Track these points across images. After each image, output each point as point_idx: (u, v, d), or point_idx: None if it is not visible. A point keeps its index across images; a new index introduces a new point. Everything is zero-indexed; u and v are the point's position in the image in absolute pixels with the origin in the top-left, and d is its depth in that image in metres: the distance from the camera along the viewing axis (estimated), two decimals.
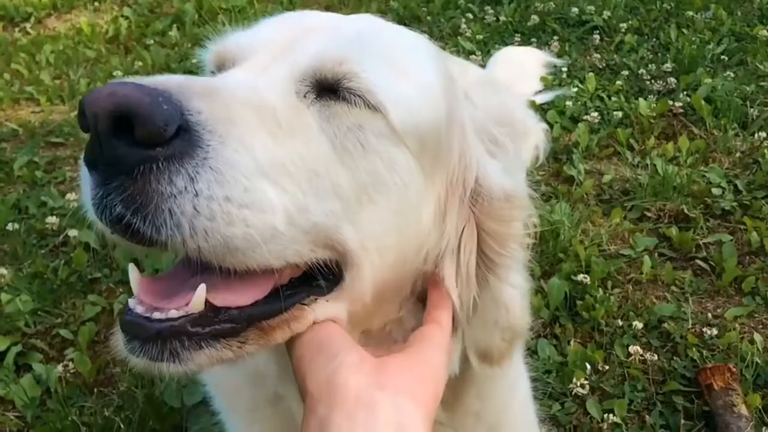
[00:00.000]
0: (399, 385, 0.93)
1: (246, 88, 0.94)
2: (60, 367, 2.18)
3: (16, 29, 5.00)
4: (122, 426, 1.97)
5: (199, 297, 0.87)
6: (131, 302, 0.90)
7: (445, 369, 1.04)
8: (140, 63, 4.30)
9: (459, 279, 1.14)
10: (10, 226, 2.78)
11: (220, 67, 1.09)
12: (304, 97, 0.98)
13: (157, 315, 0.87)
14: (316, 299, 1.00)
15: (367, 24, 1.13)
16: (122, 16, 5.07)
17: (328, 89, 0.98)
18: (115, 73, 4.15)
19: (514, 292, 1.17)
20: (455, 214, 1.13)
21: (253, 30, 1.11)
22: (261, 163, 0.86)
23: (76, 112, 3.34)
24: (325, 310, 1.01)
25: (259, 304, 0.93)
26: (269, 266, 0.90)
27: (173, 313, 0.87)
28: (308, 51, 1.01)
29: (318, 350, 0.97)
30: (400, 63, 1.06)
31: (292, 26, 1.09)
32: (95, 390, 2.15)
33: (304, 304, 0.99)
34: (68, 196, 2.96)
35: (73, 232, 2.72)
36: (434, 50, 1.17)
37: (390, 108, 0.99)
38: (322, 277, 0.99)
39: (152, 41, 4.67)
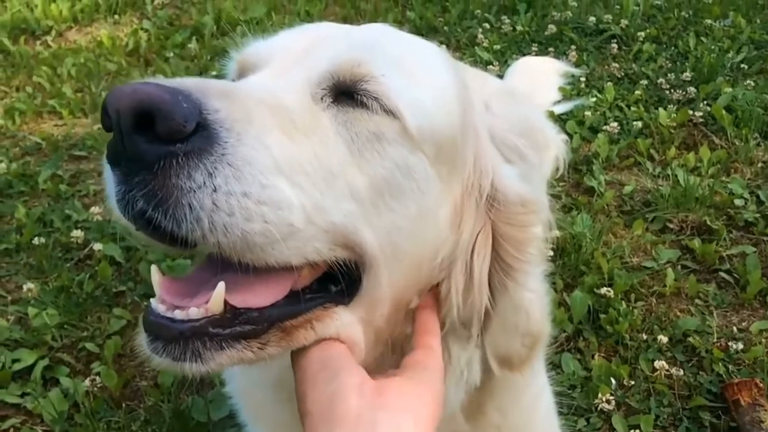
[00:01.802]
0: (399, 405, 0.94)
1: (262, 90, 0.97)
2: (87, 381, 2.20)
3: (38, 42, 5.05)
4: None
5: (218, 295, 0.89)
6: (153, 302, 0.92)
7: (441, 395, 1.04)
8: (160, 76, 4.33)
9: (472, 285, 1.14)
10: (36, 240, 2.81)
11: (241, 75, 1.13)
12: (321, 100, 1.00)
13: (178, 313, 0.89)
14: (336, 305, 1.01)
15: (380, 31, 1.16)
16: (142, 28, 5.11)
17: (344, 93, 1.00)
18: None
19: (533, 297, 1.17)
20: (471, 219, 1.13)
21: (272, 39, 1.15)
22: (278, 161, 0.88)
23: (99, 125, 3.37)
24: (343, 319, 1.02)
25: (278, 305, 0.95)
26: (289, 263, 0.92)
27: (193, 311, 0.89)
28: (324, 56, 1.03)
29: (320, 369, 0.98)
30: (413, 69, 1.07)
31: (309, 35, 1.12)
32: (122, 404, 2.17)
33: (325, 306, 1.00)
34: (92, 209, 2.99)
35: (97, 246, 2.75)
36: (446, 57, 1.19)
37: (406, 113, 1.00)
38: (341, 276, 1.00)
39: (172, 54, 4.71)
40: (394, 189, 1.01)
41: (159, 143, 0.81)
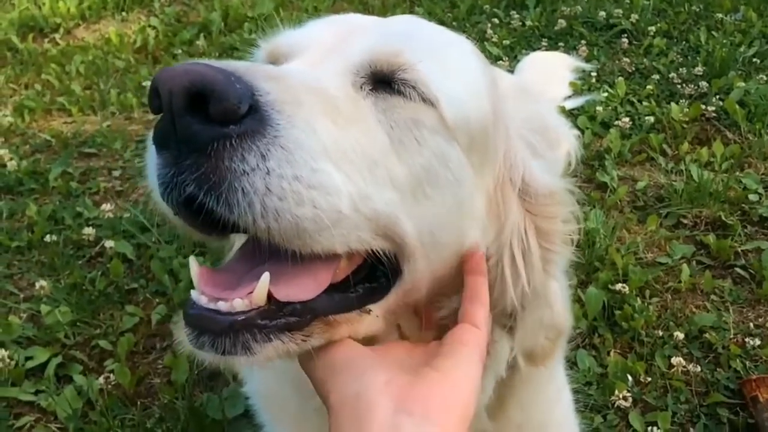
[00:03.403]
0: (425, 410, 0.91)
1: (305, 76, 0.96)
2: (101, 379, 2.20)
3: (46, 40, 5.05)
4: None
5: (262, 286, 0.87)
6: (194, 294, 0.90)
7: (476, 385, 1.01)
8: None
9: (518, 272, 1.14)
10: (47, 238, 2.80)
11: (271, 64, 1.11)
12: (360, 88, 1.00)
13: (222, 305, 0.87)
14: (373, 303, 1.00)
15: (412, 22, 1.16)
16: (150, 26, 5.10)
17: (382, 81, 1.00)
18: (145, 84, 4.18)
19: (557, 288, 1.18)
20: (514, 208, 1.14)
21: (302, 29, 1.14)
22: (326, 146, 0.87)
23: (108, 123, 3.37)
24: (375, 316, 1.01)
25: (321, 299, 0.93)
26: (333, 251, 0.90)
27: (238, 303, 0.87)
28: (362, 45, 1.03)
29: (342, 369, 0.96)
30: (447, 59, 1.08)
31: (340, 26, 1.12)
32: (137, 401, 2.16)
33: (370, 307, 1.00)
34: (103, 206, 2.98)
35: (109, 243, 2.74)
36: (475, 49, 1.19)
37: (443, 102, 1.01)
38: (382, 266, 0.99)
39: (180, 51, 4.70)
40: (432, 178, 1.01)
41: (212, 125, 0.79)
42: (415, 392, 0.93)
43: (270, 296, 0.89)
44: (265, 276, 0.87)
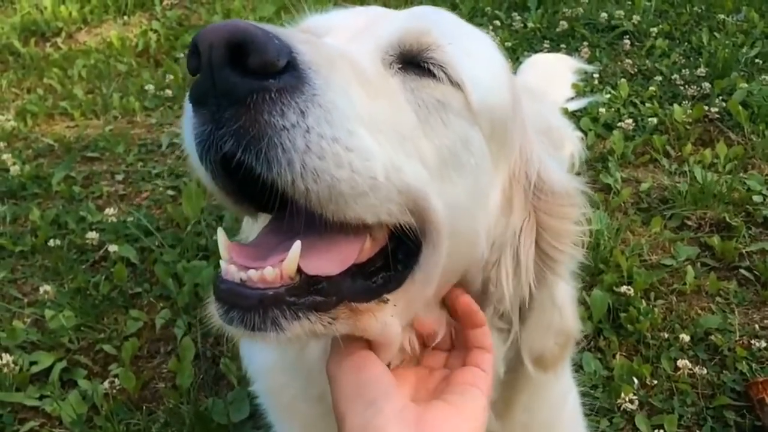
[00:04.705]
0: None
1: (338, 48, 0.97)
2: (105, 383, 2.19)
3: (48, 44, 5.05)
4: None
5: (293, 255, 0.87)
6: (223, 266, 0.89)
7: (484, 421, 1.03)
8: (171, 76, 4.33)
9: (517, 272, 1.15)
10: (51, 242, 2.80)
11: None
12: (390, 66, 1.01)
13: (252, 273, 0.86)
14: (389, 293, 0.99)
15: (435, 10, 1.17)
16: (151, 29, 5.10)
17: (410, 63, 1.01)
18: (146, 87, 4.18)
19: (565, 290, 1.19)
20: (520, 205, 1.14)
21: (330, 14, 1.16)
22: (359, 112, 0.88)
23: (110, 126, 3.36)
24: (393, 311, 1.00)
25: (346, 282, 0.93)
26: (363, 221, 0.90)
27: (269, 271, 0.86)
28: (391, 26, 1.05)
29: (358, 390, 0.97)
30: (472, 47, 1.10)
31: (365, 14, 1.13)
32: (141, 406, 2.15)
33: (382, 300, 0.99)
34: (107, 210, 2.98)
35: (112, 248, 2.74)
36: (495, 44, 1.20)
37: (469, 86, 1.02)
38: (404, 246, 0.99)
39: (182, 54, 4.69)
40: (456, 161, 1.01)
41: (251, 77, 0.79)
42: (427, 419, 0.94)
43: (298, 270, 0.88)
44: (297, 245, 0.87)
